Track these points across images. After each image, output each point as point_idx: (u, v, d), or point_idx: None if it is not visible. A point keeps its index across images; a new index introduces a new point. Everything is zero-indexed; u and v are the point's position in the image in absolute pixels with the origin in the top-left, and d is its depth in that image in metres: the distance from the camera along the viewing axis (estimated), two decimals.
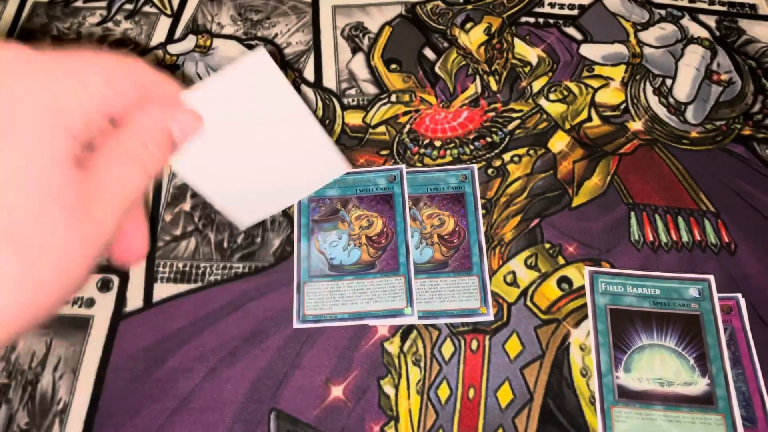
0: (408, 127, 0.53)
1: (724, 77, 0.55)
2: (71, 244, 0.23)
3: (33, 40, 0.59)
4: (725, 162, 0.51)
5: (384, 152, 0.51)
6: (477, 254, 0.46)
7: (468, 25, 0.58)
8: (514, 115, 0.53)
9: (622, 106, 0.54)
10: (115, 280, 0.47)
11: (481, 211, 0.48)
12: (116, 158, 0.26)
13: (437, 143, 0.52)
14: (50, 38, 0.60)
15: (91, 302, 0.46)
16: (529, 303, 0.45)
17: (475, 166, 0.50)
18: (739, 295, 0.44)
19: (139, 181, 0.27)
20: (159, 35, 0.59)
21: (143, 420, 0.42)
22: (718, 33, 0.57)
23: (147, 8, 0.61)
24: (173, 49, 0.58)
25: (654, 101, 0.54)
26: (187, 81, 0.56)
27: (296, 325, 0.44)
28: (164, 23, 0.60)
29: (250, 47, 0.58)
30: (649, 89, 0.54)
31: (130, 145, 0.27)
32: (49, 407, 0.42)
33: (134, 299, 0.46)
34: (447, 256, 0.46)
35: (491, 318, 0.44)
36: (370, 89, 0.55)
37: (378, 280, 0.45)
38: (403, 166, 0.50)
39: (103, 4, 0.61)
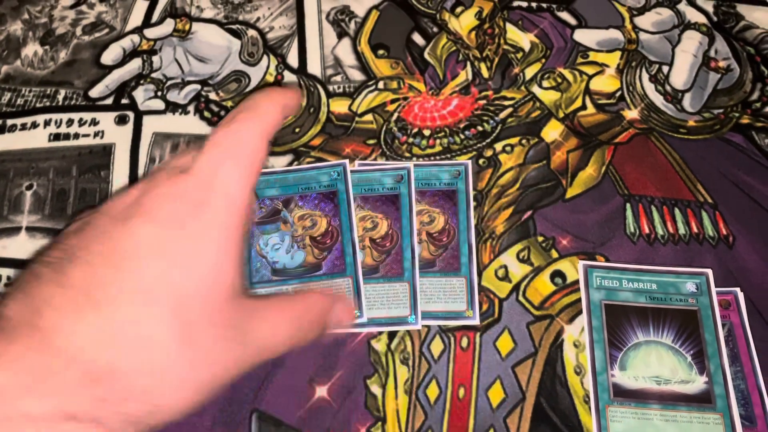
0: (396, 115, 0.51)
1: (722, 64, 0.53)
2: (227, 359, 0.26)
3: (2, 23, 0.57)
4: (723, 152, 0.49)
5: (371, 141, 0.49)
6: (466, 254, 0.44)
7: (458, 9, 0.56)
8: (506, 103, 0.51)
9: (618, 94, 0.52)
10: None
11: (473, 211, 0.46)
12: (286, 317, 0.29)
13: (426, 132, 0.50)
14: (21, 22, 0.57)
15: None
16: (521, 298, 0.43)
17: (469, 162, 0.48)
18: (738, 289, 0.43)
19: (286, 346, 0.29)
20: (135, 19, 0.56)
21: None
22: (715, 18, 0.56)
23: None
24: (150, 33, 0.55)
25: (650, 89, 0.52)
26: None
27: None
28: (141, 6, 0.57)
29: (231, 32, 0.55)
30: (645, 76, 0.53)
31: (300, 314, 0.30)
32: None
33: None
34: (435, 255, 0.44)
35: (477, 322, 0.42)
36: (357, 76, 0.53)
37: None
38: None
39: None
